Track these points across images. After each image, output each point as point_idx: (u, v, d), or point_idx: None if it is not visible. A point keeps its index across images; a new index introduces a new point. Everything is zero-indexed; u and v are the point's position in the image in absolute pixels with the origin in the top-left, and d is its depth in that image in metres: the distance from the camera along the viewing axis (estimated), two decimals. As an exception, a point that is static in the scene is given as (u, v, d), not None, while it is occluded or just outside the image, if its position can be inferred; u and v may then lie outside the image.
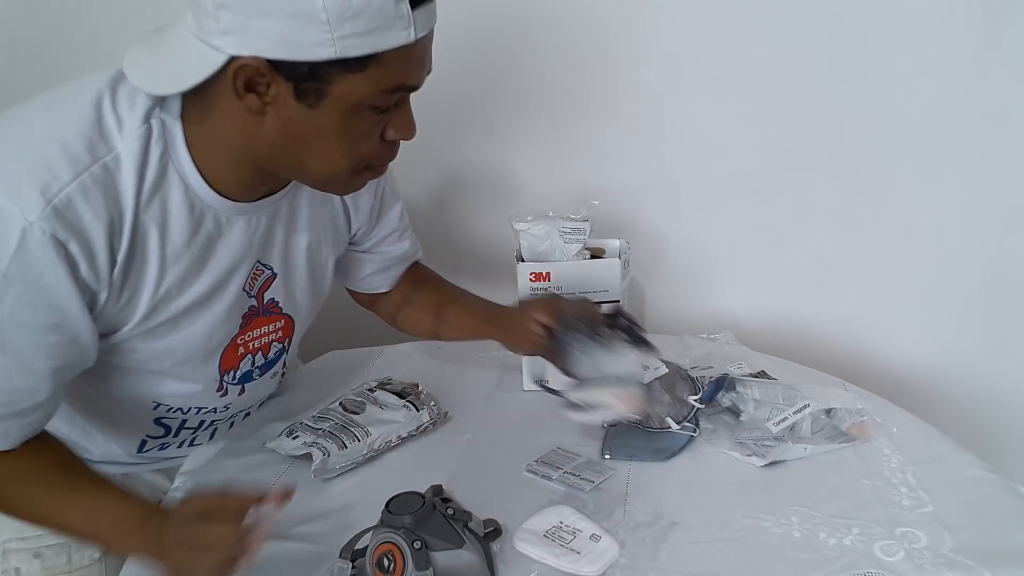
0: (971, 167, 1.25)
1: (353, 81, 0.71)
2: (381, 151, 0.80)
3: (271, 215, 0.88)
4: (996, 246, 1.29)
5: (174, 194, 0.77)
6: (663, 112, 1.36)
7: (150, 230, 0.77)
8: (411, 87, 0.76)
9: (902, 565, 0.78)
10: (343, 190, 0.86)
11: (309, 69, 0.69)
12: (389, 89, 0.73)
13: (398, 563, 0.72)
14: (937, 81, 1.23)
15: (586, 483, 0.93)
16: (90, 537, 0.83)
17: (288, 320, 0.98)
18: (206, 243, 0.82)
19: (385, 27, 0.69)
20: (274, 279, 0.93)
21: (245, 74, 0.70)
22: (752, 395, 1.04)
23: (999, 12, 1.17)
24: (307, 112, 0.72)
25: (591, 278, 1.15)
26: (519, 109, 1.42)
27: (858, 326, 1.39)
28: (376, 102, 0.74)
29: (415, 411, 1.06)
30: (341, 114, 0.73)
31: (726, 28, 1.28)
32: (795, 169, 1.33)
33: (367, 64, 0.70)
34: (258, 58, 0.68)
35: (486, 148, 1.47)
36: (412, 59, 0.73)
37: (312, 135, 0.74)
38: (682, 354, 1.22)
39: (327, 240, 0.99)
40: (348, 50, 0.68)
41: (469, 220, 1.52)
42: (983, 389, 1.37)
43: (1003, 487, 0.90)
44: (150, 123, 0.75)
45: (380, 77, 0.72)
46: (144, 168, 0.75)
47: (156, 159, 0.75)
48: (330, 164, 0.77)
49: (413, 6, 0.69)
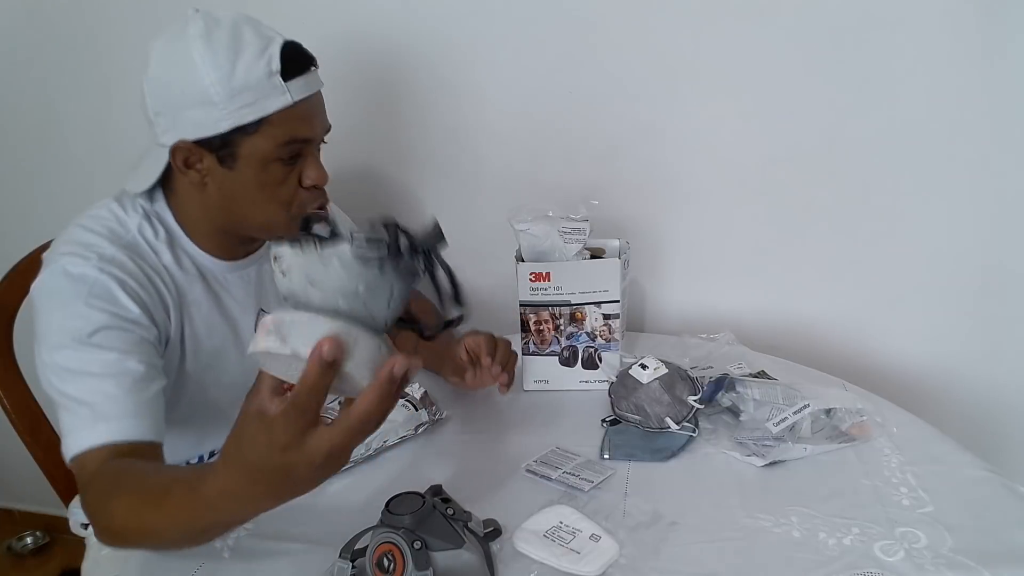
0: (971, 167, 1.25)
1: (254, 141, 0.92)
2: (307, 196, 0.98)
3: (259, 269, 1.08)
4: (996, 246, 1.29)
5: (184, 259, 1.00)
6: (663, 112, 1.36)
7: (178, 282, 0.99)
8: (304, 139, 0.95)
9: (902, 565, 0.78)
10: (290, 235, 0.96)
11: (220, 140, 0.91)
12: (284, 143, 0.92)
13: (398, 563, 0.72)
14: (936, 81, 1.22)
15: (585, 483, 0.93)
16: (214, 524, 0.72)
17: None
18: (215, 297, 1.03)
19: (264, 96, 0.90)
20: None
21: (181, 155, 0.93)
22: (752, 395, 1.04)
23: (998, 12, 1.17)
24: (230, 174, 0.93)
25: (591, 278, 1.15)
26: (519, 109, 1.42)
27: (858, 326, 1.39)
28: (279, 155, 0.93)
29: (414, 410, 1.06)
30: (254, 169, 0.93)
31: (726, 28, 1.28)
32: (795, 169, 1.33)
33: (259, 127, 0.91)
34: (185, 141, 0.92)
35: (486, 148, 1.47)
36: (297, 117, 0.93)
37: (240, 191, 0.95)
38: (682, 354, 1.22)
39: None
40: (242, 118, 0.90)
41: (469, 220, 1.52)
42: (983, 389, 1.36)
43: (1003, 487, 0.90)
44: (147, 213, 0.99)
45: (274, 134, 0.92)
46: (153, 241, 0.97)
47: (163, 235, 0.98)
48: (263, 213, 0.97)
49: (286, 78, 0.90)
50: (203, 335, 1.01)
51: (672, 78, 1.33)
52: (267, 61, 0.89)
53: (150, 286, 0.94)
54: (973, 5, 1.17)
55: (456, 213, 1.53)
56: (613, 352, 1.17)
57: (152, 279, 0.95)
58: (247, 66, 0.89)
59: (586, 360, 1.18)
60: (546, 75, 1.39)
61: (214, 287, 1.03)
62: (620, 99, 1.37)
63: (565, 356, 1.19)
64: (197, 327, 1.01)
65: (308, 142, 0.96)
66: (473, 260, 1.49)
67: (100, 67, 1.59)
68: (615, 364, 1.17)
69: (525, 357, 1.19)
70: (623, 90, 1.36)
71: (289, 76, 0.91)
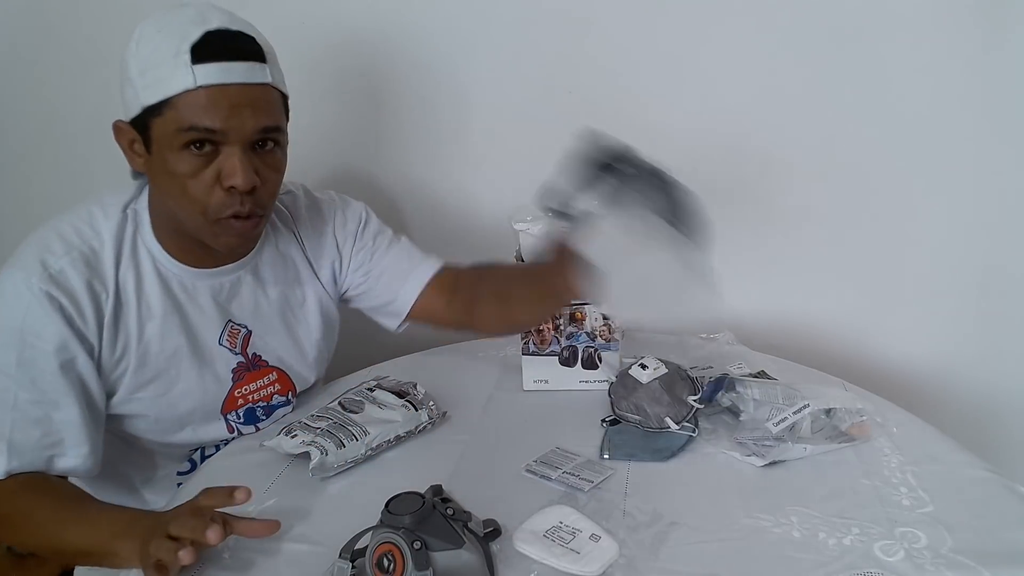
0: (972, 167, 1.25)
1: (160, 124, 0.87)
2: (225, 199, 0.90)
3: (235, 280, 1.03)
4: (996, 246, 1.29)
5: (145, 264, 0.97)
6: (663, 112, 1.36)
7: (128, 293, 0.95)
8: (207, 129, 0.86)
9: (902, 565, 0.78)
10: (214, 241, 0.94)
11: (140, 121, 0.88)
12: (183, 128, 0.86)
13: (398, 563, 0.72)
14: (936, 81, 1.23)
15: (585, 483, 0.93)
16: (87, 549, 0.86)
17: (280, 373, 1.09)
18: (176, 304, 0.99)
19: (168, 77, 0.85)
20: (251, 335, 1.06)
21: (123, 136, 0.91)
22: (752, 395, 1.04)
23: (998, 12, 1.17)
24: (152, 159, 0.90)
25: None
26: (519, 109, 1.42)
27: (858, 326, 1.39)
28: (184, 141, 0.86)
29: (414, 410, 1.06)
30: (165, 155, 0.88)
31: (726, 28, 1.28)
32: (795, 169, 1.33)
33: (163, 109, 0.86)
34: (123, 121, 0.90)
35: (486, 148, 1.47)
36: (201, 104, 0.85)
37: (160, 177, 0.91)
38: (682, 354, 1.22)
39: (299, 298, 1.10)
40: (148, 98, 0.86)
41: (469, 220, 1.52)
42: (983, 389, 1.37)
43: (1003, 487, 0.90)
44: (126, 212, 0.97)
45: (175, 118, 0.86)
46: (120, 246, 0.95)
47: (129, 237, 0.96)
48: (180, 207, 0.91)
49: (196, 60, 0.84)
50: (155, 342, 0.97)
51: (672, 78, 1.33)
52: (180, 39, 0.84)
53: (89, 303, 0.91)
54: (973, 5, 1.17)
55: (456, 213, 1.53)
56: (613, 352, 1.17)
57: (95, 293, 0.92)
58: (159, 43, 0.85)
59: (586, 360, 1.18)
60: (546, 75, 1.39)
61: (176, 294, 0.99)
62: (620, 99, 1.37)
63: (565, 356, 1.18)
64: (149, 335, 0.97)
65: (215, 133, 0.87)
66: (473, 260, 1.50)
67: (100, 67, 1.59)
68: (615, 364, 1.17)
69: (525, 357, 1.19)
70: (623, 90, 1.36)
71: (201, 59, 0.84)
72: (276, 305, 1.07)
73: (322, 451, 0.95)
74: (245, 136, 0.88)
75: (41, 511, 0.88)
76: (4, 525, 0.90)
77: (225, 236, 0.93)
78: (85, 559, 0.89)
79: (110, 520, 0.86)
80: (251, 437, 1.07)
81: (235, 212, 0.90)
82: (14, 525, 0.89)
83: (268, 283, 1.06)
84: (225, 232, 0.92)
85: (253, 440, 1.05)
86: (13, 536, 0.92)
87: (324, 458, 0.95)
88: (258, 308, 1.06)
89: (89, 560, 0.88)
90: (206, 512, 0.79)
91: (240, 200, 0.90)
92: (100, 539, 0.84)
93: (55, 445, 0.92)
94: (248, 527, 0.81)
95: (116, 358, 0.96)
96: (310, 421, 1.02)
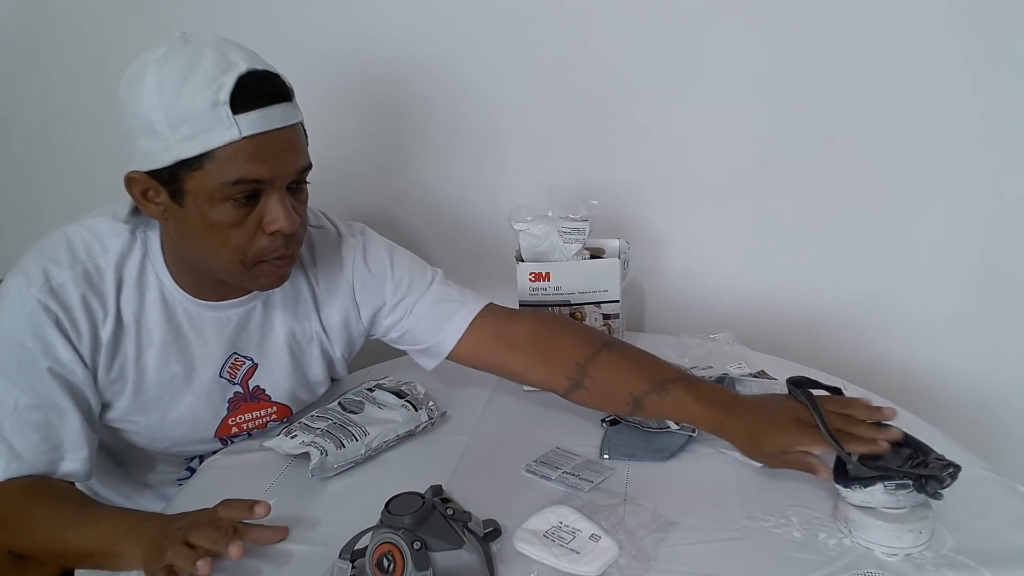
0: (971, 167, 1.25)
1: (198, 178, 0.83)
2: (268, 244, 0.88)
3: (244, 314, 1.00)
4: (997, 246, 1.29)
5: (151, 290, 0.95)
6: (663, 112, 1.36)
7: (128, 317, 0.94)
8: (255, 180, 0.84)
9: (902, 565, 0.78)
10: (252, 284, 0.94)
11: (168, 173, 0.84)
12: (230, 182, 0.83)
13: (398, 563, 0.72)
14: (935, 81, 1.23)
15: (585, 483, 0.93)
16: (89, 551, 0.86)
17: (282, 408, 1.08)
18: (178, 333, 0.97)
19: (208, 129, 0.81)
20: (255, 368, 1.03)
21: (137, 187, 0.87)
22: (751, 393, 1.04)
23: (998, 12, 1.17)
24: (182, 211, 0.86)
25: (591, 278, 1.15)
26: (519, 109, 1.42)
27: (858, 326, 1.39)
28: (227, 194, 0.84)
29: (413, 411, 1.06)
30: (202, 208, 0.85)
31: (726, 28, 1.28)
32: (795, 168, 1.33)
33: (203, 162, 0.82)
34: (139, 172, 0.85)
35: (487, 148, 1.47)
36: (247, 155, 0.82)
37: (192, 230, 0.88)
38: (682, 354, 1.22)
39: (307, 336, 1.06)
40: (183, 152, 0.82)
41: (469, 220, 1.52)
42: (983, 389, 1.36)
43: (1003, 487, 0.90)
44: (136, 235, 0.95)
45: (219, 172, 0.82)
46: (122, 268, 0.93)
47: (137, 262, 0.94)
48: (217, 255, 0.89)
49: (236, 111, 0.81)
50: (152, 370, 0.96)
51: (672, 78, 1.33)
52: (215, 90, 0.80)
53: (86, 321, 0.90)
54: (973, 5, 1.17)
55: (456, 213, 1.53)
56: None
57: (93, 313, 0.91)
58: (192, 94, 0.80)
59: None
60: (546, 75, 1.39)
61: (180, 323, 0.97)
62: (620, 99, 1.37)
63: None
64: (147, 361, 0.96)
65: (262, 183, 0.85)
66: (473, 260, 1.50)
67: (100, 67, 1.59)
68: None
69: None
70: (623, 90, 1.36)
71: (241, 108, 0.81)
72: (284, 339, 1.04)
73: (322, 451, 0.95)
74: (287, 180, 0.87)
75: (42, 513, 0.88)
76: (5, 528, 0.90)
77: (265, 278, 0.92)
78: (87, 561, 0.88)
79: (113, 522, 0.86)
80: (251, 437, 1.07)
81: (280, 255, 0.90)
82: (15, 528, 0.89)
83: (277, 316, 1.03)
84: (266, 275, 0.92)
85: (253, 440, 1.05)
86: (14, 539, 0.91)
87: (324, 458, 0.95)
88: (265, 341, 1.03)
89: (91, 562, 0.87)
90: (224, 523, 0.79)
91: (284, 243, 0.89)
92: (103, 541, 0.84)
93: (55, 450, 0.92)
94: (259, 535, 0.82)
95: (111, 379, 0.95)
96: (310, 421, 1.02)
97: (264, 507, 0.80)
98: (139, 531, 0.83)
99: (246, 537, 0.80)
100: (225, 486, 0.96)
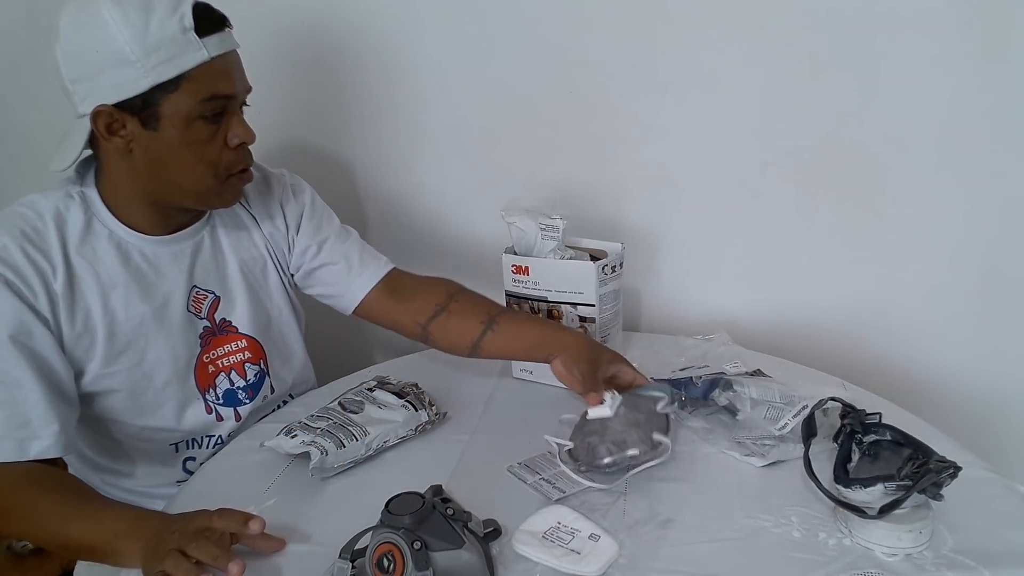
0: (971, 166, 1.25)
1: (175, 99, 0.91)
2: (234, 157, 0.98)
3: (195, 245, 1.06)
4: (997, 245, 1.29)
5: (100, 239, 0.99)
6: (662, 112, 1.36)
7: (82, 267, 0.97)
8: (224, 95, 0.94)
9: (902, 565, 0.78)
10: (219, 199, 1.02)
11: (141, 100, 0.90)
12: (206, 98, 0.92)
13: (398, 563, 0.72)
14: (935, 80, 1.22)
15: (557, 492, 0.91)
16: (89, 545, 0.86)
17: (251, 341, 1.12)
18: (138, 273, 1.01)
19: (181, 52, 0.90)
20: (219, 301, 1.09)
21: (103, 121, 0.92)
22: (749, 394, 1.04)
23: (998, 11, 1.17)
24: (155, 136, 0.93)
25: (567, 278, 1.14)
26: (519, 109, 1.42)
27: (858, 326, 1.39)
28: (201, 112, 0.93)
29: (414, 411, 1.06)
30: (178, 129, 0.93)
31: (726, 28, 1.28)
32: (794, 169, 1.33)
33: (180, 83, 0.91)
34: (105, 105, 0.91)
35: (487, 148, 1.47)
36: (216, 73, 0.93)
37: (167, 153, 0.94)
38: (678, 354, 1.22)
39: (259, 262, 1.13)
40: (161, 76, 0.89)
41: (470, 220, 1.52)
42: (983, 389, 1.36)
43: (1003, 487, 0.90)
44: (70, 193, 0.99)
45: (195, 90, 0.91)
46: (63, 224, 0.97)
47: (79, 215, 0.98)
48: (193, 175, 0.97)
49: (201, 35, 0.90)
50: (122, 312, 1.00)
51: (672, 78, 1.33)
52: (180, 18, 0.89)
53: (36, 276, 0.93)
54: (973, 4, 1.17)
55: (456, 213, 1.53)
56: None
57: (40, 267, 0.94)
58: (160, 23, 0.88)
59: None
60: (546, 75, 1.39)
61: (139, 265, 1.01)
62: (620, 99, 1.37)
63: None
64: (114, 305, 0.99)
65: (230, 99, 0.95)
66: (471, 253, 1.51)
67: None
68: None
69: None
70: (623, 90, 1.36)
71: (204, 33, 0.91)
72: (238, 272, 1.10)
73: (322, 451, 0.95)
74: (245, 95, 0.98)
75: (44, 505, 0.89)
76: (8, 517, 0.90)
77: (230, 193, 1.01)
78: (88, 555, 0.90)
79: (114, 518, 0.87)
80: (251, 437, 1.07)
81: (243, 167, 1.00)
82: (19, 517, 0.90)
83: (227, 250, 1.09)
84: (231, 189, 1.01)
85: (253, 440, 1.05)
86: (17, 527, 0.93)
87: (324, 458, 0.95)
88: (221, 273, 1.09)
89: (92, 556, 0.88)
90: (222, 535, 0.80)
91: (246, 154, 1.00)
92: (103, 536, 0.85)
93: (23, 427, 0.91)
94: (256, 542, 0.82)
95: (78, 332, 0.97)
96: (310, 421, 1.02)
97: (259, 523, 0.81)
98: (139, 530, 0.83)
99: (243, 542, 0.81)
100: (225, 486, 0.97)
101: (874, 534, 0.80)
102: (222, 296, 1.09)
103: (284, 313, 1.16)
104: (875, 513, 0.79)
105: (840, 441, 0.90)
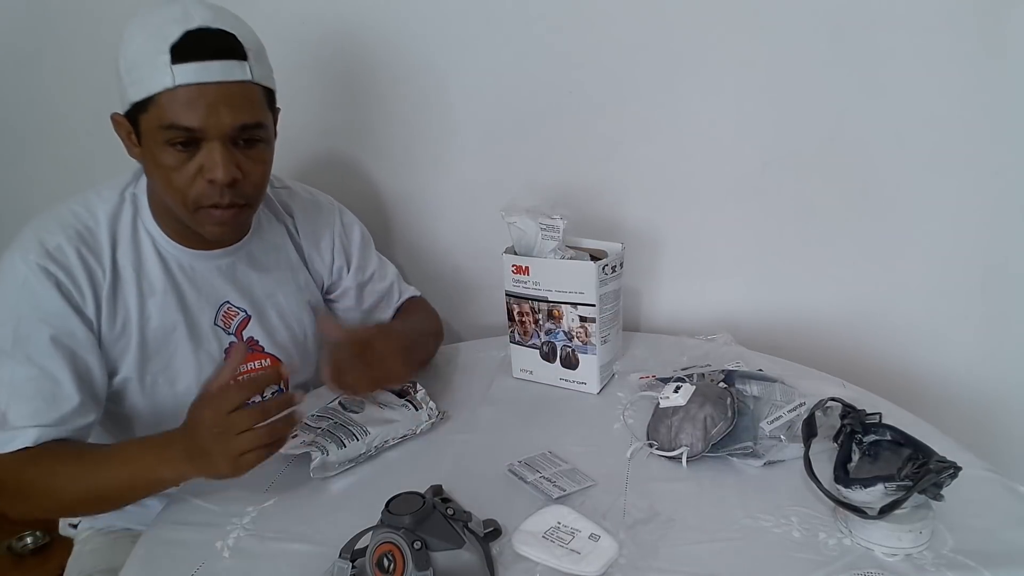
0: (971, 166, 1.25)
1: (146, 120, 0.91)
2: (205, 191, 0.94)
3: (232, 263, 1.08)
4: (997, 245, 1.29)
5: (145, 245, 1.02)
6: (663, 112, 1.35)
7: (127, 270, 1.00)
8: (184, 127, 0.90)
9: (902, 565, 0.78)
10: (200, 229, 0.99)
11: (131, 115, 0.93)
12: (164, 126, 0.90)
13: (398, 563, 0.72)
14: (935, 80, 1.22)
15: (557, 490, 0.91)
16: (129, 482, 0.89)
17: (275, 361, 1.13)
18: (175, 283, 1.03)
19: (149, 76, 0.88)
20: (249, 320, 1.10)
21: (121, 128, 0.96)
22: (751, 392, 1.03)
23: (999, 11, 1.17)
24: (143, 151, 0.95)
25: (567, 278, 1.14)
26: (519, 109, 1.42)
27: (858, 326, 1.39)
28: (167, 138, 0.91)
29: (414, 411, 1.06)
30: (151, 150, 0.93)
31: (726, 28, 1.28)
32: (794, 169, 1.33)
33: (147, 106, 0.90)
34: (118, 113, 0.95)
35: (486, 149, 1.47)
36: (180, 103, 0.89)
37: (152, 171, 0.96)
38: (680, 354, 1.22)
39: (291, 285, 1.15)
40: (134, 95, 0.90)
41: (469, 220, 1.52)
42: (983, 389, 1.36)
43: (1003, 487, 0.90)
44: (124, 195, 1.02)
45: (157, 115, 0.90)
46: (115, 227, 1.00)
47: (128, 218, 1.01)
48: (166, 196, 0.96)
49: (176, 60, 0.87)
50: (156, 319, 1.01)
51: (672, 78, 1.33)
52: (161, 40, 0.87)
53: (86, 279, 0.95)
54: (973, 4, 1.17)
55: (455, 213, 1.53)
56: (591, 356, 1.16)
57: (91, 270, 0.96)
58: (143, 42, 0.89)
59: (564, 358, 1.18)
60: (546, 75, 1.39)
61: (175, 273, 1.03)
62: (620, 99, 1.37)
63: (545, 351, 1.19)
64: (151, 310, 1.01)
65: (193, 131, 0.90)
66: (471, 253, 1.51)
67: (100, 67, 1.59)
68: (593, 367, 1.16)
69: (512, 345, 1.21)
70: (623, 90, 1.36)
71: (180, 59, 0.87)
72: (272, 293, 1.12)
73: (323, 451, 0.95)
74: (223, 132, 0.91)
75: (64, 469, 0.90)
76: (26, 498, 0.90)
77: (208, 224, 0.97)
78: (130, 494, 0.92)
79: (140, 450, 0.90)
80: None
81: (214, 203, 0.95)
82: (39, 491, 0.90)
83: (262, 271, 1.11)
84: (207, 221, 0.97)
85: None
86: (39, 503, 0.92)
87: (325, 458, 0.95)
88: (255, 293, 1.10)
89: (134, 494, 0.91)
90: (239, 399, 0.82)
91: (220, 192, 0.94)
92: (139, 472, 0.88)
93: (60, 423, 0.92)
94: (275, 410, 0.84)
95: (116, 334, 0.99)
96: (311, 421, 1.02)
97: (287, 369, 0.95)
98: (168, 453, 0.86)
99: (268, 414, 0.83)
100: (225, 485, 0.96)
101: (874, 534, 0.80)
102: (253, 315, 1.10)
103: (309, 329, 1.17)
104: (875, 513, 0.79)
105: (840, 441, 0.90)
